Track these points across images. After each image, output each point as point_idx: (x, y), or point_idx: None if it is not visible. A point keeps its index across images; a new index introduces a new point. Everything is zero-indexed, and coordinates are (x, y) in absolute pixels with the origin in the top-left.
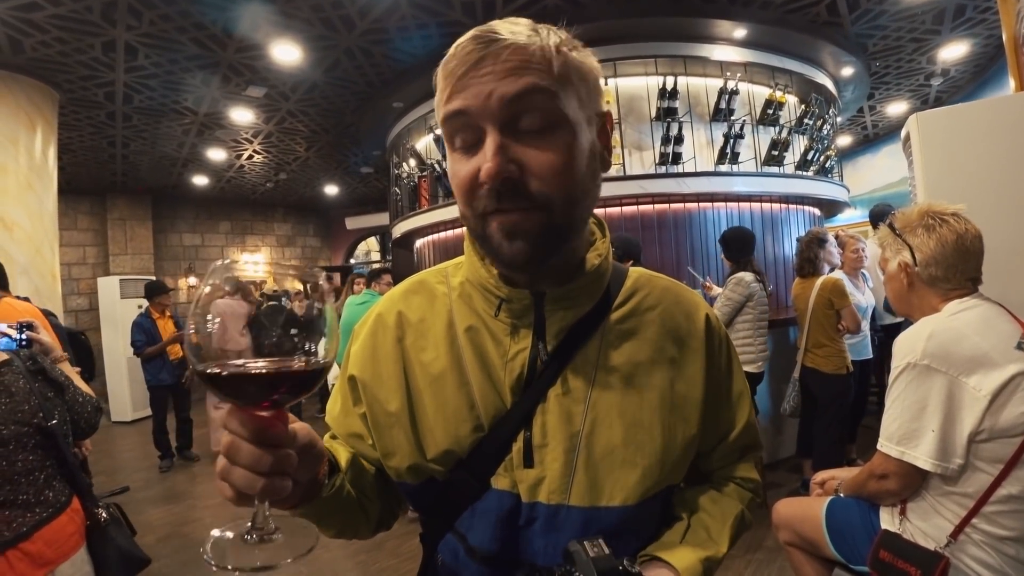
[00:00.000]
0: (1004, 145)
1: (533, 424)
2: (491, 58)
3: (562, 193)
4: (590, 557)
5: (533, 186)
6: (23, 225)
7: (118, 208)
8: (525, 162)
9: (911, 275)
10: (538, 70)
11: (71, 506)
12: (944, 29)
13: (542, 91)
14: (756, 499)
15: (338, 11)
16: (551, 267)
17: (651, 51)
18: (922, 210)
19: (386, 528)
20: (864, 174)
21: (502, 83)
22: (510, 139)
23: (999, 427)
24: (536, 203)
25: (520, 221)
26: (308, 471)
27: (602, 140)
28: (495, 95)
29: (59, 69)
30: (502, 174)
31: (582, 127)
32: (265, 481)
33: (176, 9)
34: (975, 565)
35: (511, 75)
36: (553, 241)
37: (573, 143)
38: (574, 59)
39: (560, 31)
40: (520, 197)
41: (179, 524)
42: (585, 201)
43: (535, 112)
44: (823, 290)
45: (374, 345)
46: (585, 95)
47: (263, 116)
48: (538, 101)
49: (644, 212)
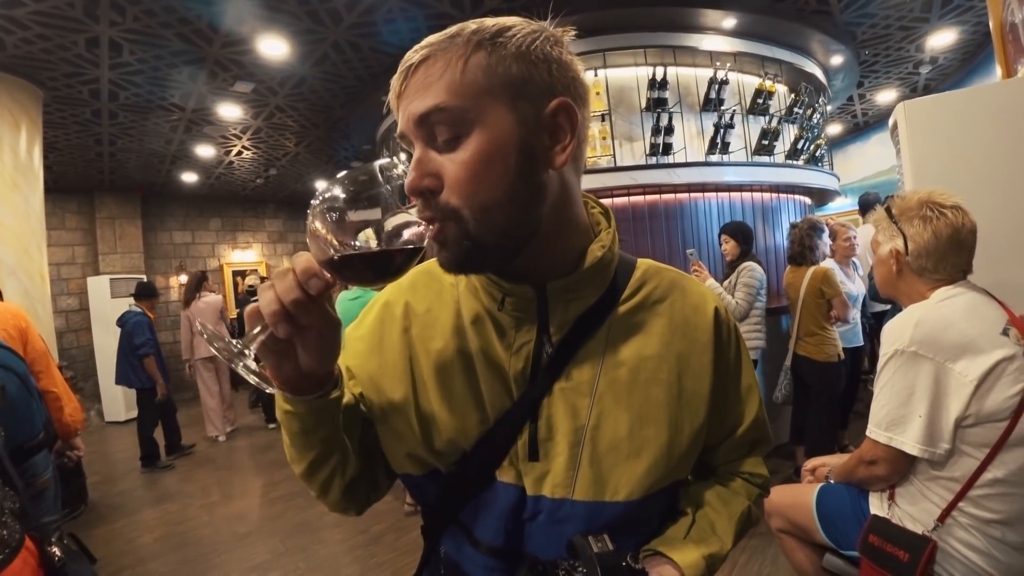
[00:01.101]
0: (991, 133)
1: (539, 417)
2: (410, 83)
3: (469, 201)
4: (594, 552)
5: (443, 197)
6: (9, 225)
7: (107, 207)
8: (442, 173)
9: (901, 263)
10: (439, 88)
11: (24, 545)
12: (932, 17)
13: (440, 109)
14: (764, 495)
15: (325, 4)
16: (548, 260)
17: (640, 41)
18: (922, 199)
19: (355, 508)
20: (854, 162)
21: (411, 105)
22: (433, 152)
23: (985, 412)
24: (448, 214)
25: (440, 230)
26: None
27: (554, 136)
28: (409, 117)
29: (42, 66)
30: (413, 187)
31: (507, 130)
32: (280, 308)
33: (160, 4)
34: (962, 548)
35: (417, 97)
36: (473, 250)
37: (486, 149)
38: (499, 61)
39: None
40: (436, 209)
41: (175, 523)
42: (507, 206)
43: (441, 126)
44: (814, 279)
45: (381, 334)
46: (515, 95)
47: (251, 111)
48: (438, 117)
49: (635, 203)
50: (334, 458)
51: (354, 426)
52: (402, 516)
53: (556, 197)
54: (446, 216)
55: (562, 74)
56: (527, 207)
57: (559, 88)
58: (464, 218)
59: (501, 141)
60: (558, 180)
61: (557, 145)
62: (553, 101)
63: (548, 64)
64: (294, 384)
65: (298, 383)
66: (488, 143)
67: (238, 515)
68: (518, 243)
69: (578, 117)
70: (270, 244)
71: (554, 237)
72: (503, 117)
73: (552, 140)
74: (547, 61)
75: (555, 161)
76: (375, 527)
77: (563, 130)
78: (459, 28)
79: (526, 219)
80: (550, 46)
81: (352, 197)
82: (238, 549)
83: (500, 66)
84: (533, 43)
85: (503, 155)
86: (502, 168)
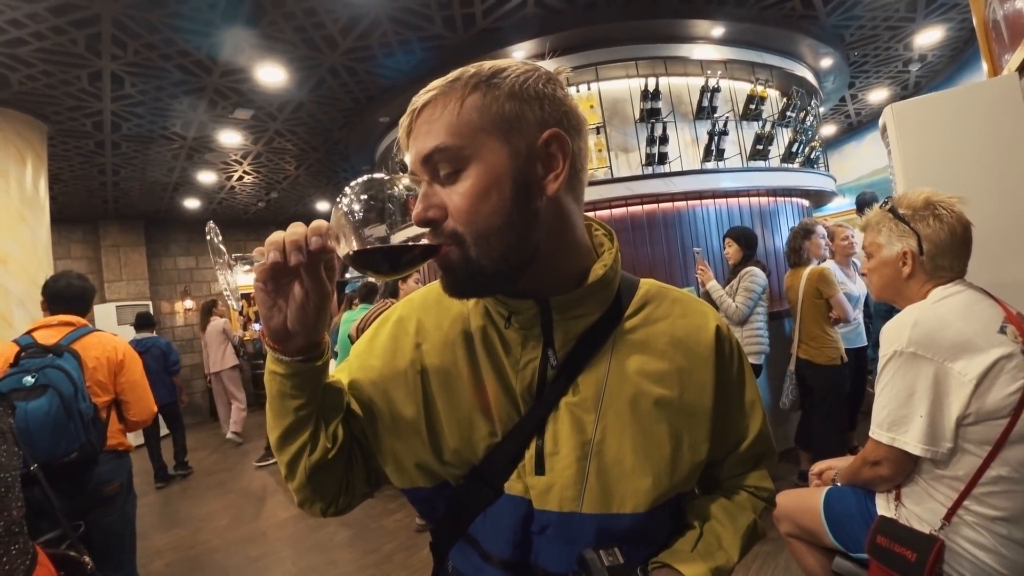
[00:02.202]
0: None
1: (545, 432)
2: (416, 124)
3: (470, 228)
4: (605, 566)
5: (448, 225)
6: (17, 257)
7: (111, 235)
8: (446, 204)
9: (915, 264)
10: (439, 129)
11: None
12: (918, 16)
13: (440, 150)
14: (770, 508)
15: (320, 31)
16: (550, 280)
17: (631, 54)
18: (928, 198)
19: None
20: (850, 162)
21: (416, 144)
22: (437, 185)
23: (985, 410)
24: (452, 238)
25: (445, 255)
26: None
27: (547, 166)
28: (416, 157)
29: (47, 102)
30: (419, 218)
31: (502, 163)
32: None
33: (160, 37)
34: (969, 546)
35: (420, 138)
36: (474, 272)
37: (483, 181)
38: (492, 101)
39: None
40: (442, 234)
41: (186, 548)
42: (505, 233)
43: (443, 163)
44: (810, 280)
45: (395, 349)
46: (508, 131)
47: (251, 137)
48: (439, 156)
49: (633, 213)
50: (305, 432)
51: (334, 414)
52: (413, 534)
53: (553, 222)
54: (450, 241)
55: (554, 109)
56: (523, 233)
57: (551, 122)
58: (466, 243)
59: (497, 173)
60: (554, 207)
61: (551, 174)
62: (546, 132)
63: (540, 101)
64: (280, 339)
65: (284, 341)
66: (484, 176)
67: (249, 538)
68: (515, 268)
69: (570, 146)
70: None
71: (554, 259)
72: (497, 151)
73: (546, 170)
74: (539, 98)
75: (548, 189)
76: (386, 546)
77: (555, 159)
78: (461, 72)
79: (522, 245)
80: (542, 84)
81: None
82: (250, 573)
83: (494, 105)
84: (525, 82)
85: (499, 186)
86: (498, 197)
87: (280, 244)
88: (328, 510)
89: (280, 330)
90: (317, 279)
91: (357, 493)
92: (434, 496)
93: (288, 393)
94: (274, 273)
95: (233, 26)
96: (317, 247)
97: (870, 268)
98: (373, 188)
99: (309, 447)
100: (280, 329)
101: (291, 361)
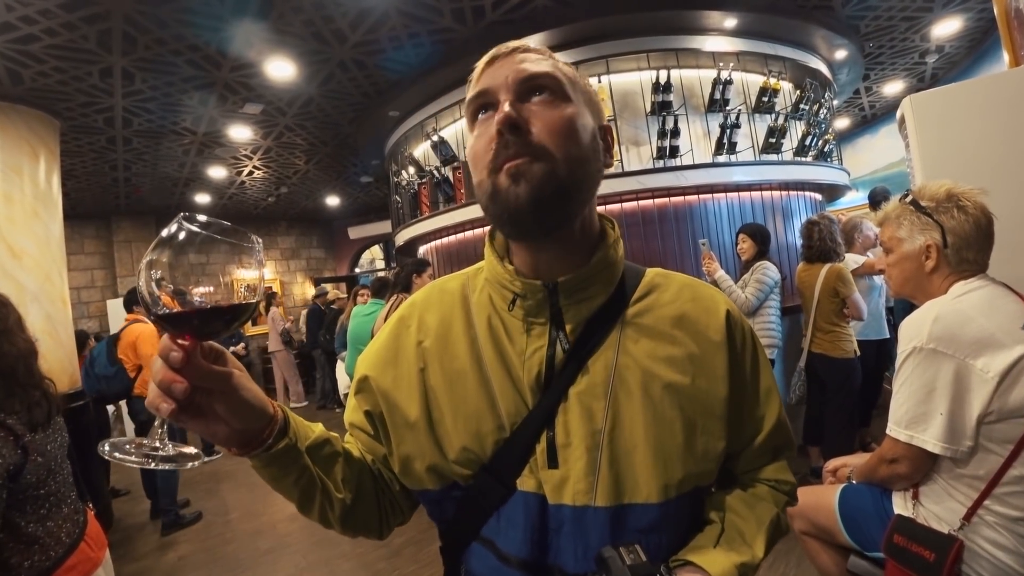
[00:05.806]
0: (999, 122)
1: (556, 423)
2: (516, 56)
3: (563, 148)
4: (626, 564)
5: (536, 136)
6: (31, 253)
7: (123, 230)
8: (532, 119)
9: (939, 257)
10: (548, 65)
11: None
12: (936, 5)
13: (553, 76)
14: (792, 502)
15: (329, 25)
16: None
17: (642, 46)
18: (950, 190)
19: (366, 533)
20: (864, 156)
21: (523, 65)
22: (521, 105)
23: (1008, 408)
24: (538, 153)
25: (524, 165)
26: (242, 420)
27: (603, 141)
28: (511, 75)
29: (58, 98)
30: (509, 117)
31: (586, 116)
32: (170, 405)
33: (170, 33)
34: (989, 547)
35: (530, 62)
36: (555, 192)
37: (580, 119)
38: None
39: None
40: (525, 145)
41: (199, 541)
42: (587, 167)
43: (545, 91)
44: (829, 277)
45: (396, 348)
46: (587, 102)
47: (261, 132)
48: (548, 82)
49: (644, 207)
50: (317, 497)
51: (346, 466)
52: (422, 527)
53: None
54: (536, 154)
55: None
56: (595, 178)
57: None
58: (556, 160)
59: (586, 121)
60: (600, 180)
61: (607, 151)
62: (602, 121)
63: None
64: (237, 442)
65: (241, 441)
66: (580, 116)
67: (259, 531)
68: (578, 206)
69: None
70: (283, 261)
71: (576, 231)
72: (585, 111)
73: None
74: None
75: (607, 160)
76: (396, 539)
77: (607, 144)
78: None
79: (591, 187)
80: None
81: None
82: (262, 565)
83: (581, 81)
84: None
85: (589, 130)
86: (588, 137)
87: (159, 395)
88: (383, 534)
89: (233, 438)
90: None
91: (406, 507)
92: (443, 498)
93: (277, 476)
94: (180, 414)
95: (243, 20)
96: (178, 361)
97: (890, 263)
98: (162, 248)
99: (327, 505)
100: (231, 438)
101: (259, 454)
